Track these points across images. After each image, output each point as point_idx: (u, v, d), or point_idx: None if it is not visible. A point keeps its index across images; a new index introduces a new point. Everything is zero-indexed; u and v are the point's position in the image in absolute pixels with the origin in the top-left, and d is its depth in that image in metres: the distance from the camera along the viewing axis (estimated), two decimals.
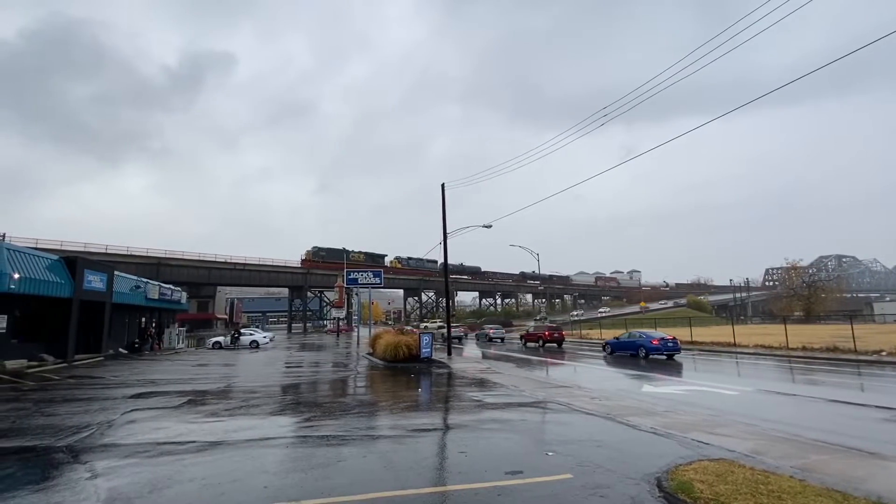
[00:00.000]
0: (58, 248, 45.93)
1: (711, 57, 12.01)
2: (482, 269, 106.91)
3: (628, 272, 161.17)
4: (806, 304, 68.82)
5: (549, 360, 22.34)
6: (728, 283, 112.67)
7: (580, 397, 10.88)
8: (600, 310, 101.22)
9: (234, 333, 36.28)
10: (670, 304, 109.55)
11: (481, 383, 13.69)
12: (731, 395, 11.59)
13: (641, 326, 44.33)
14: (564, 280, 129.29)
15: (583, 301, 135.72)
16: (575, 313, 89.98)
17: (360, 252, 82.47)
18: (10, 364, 18.05)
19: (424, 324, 58.61)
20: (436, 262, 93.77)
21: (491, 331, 40.95)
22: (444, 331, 27.07)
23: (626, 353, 22.52)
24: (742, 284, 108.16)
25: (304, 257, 77.57)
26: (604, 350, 24.34)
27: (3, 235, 37.26)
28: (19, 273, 18.31)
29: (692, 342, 28.95)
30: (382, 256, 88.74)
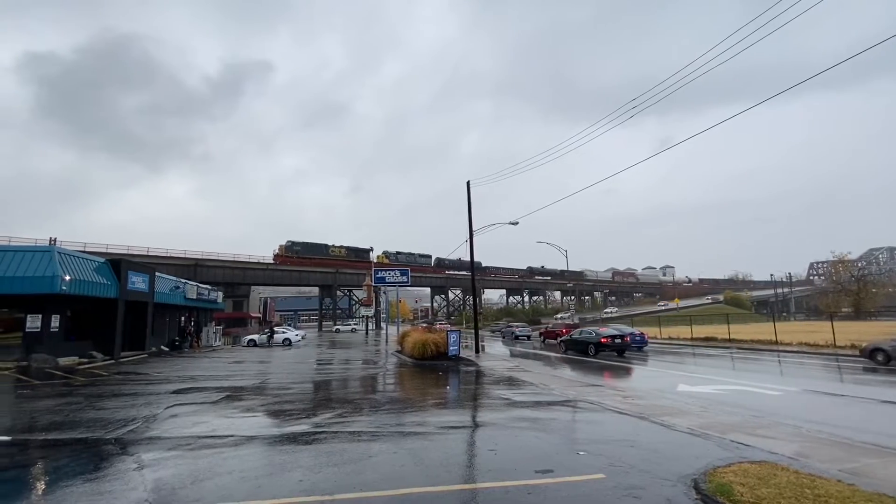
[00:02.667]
0: (103, 251, 48.44)
1: (753, 39, 11.44)
2: (483, 265, 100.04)
3: (661, 268, 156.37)
4: (855, 299, 64.99)
5: (577, 357, 21.98)
6: (769, 279, 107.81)
7: (611, 396, 10.66)
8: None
9: (269, 332, 37.41)
10: (707, 300, 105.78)
11: (510, 381, 13.62)
12: (773, 395, 11.10)
13: (675, 324, 43.07)
14: (578, 275, 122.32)
15: (614, 298, 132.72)
16: (609, 310, 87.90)
17: (340, 247, 79.07)
18: (63, 361, 19.23)
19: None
20: (429, 257, 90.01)
21: (517, 328, 41.52)
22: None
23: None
24: (784, 279, 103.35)
25: (276, 252, 72.56)
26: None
27: (55, 240, 39.63)
28: (70, 275, 19.44)
29: (730, 340, 27.89)
30: (368, 251, 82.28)
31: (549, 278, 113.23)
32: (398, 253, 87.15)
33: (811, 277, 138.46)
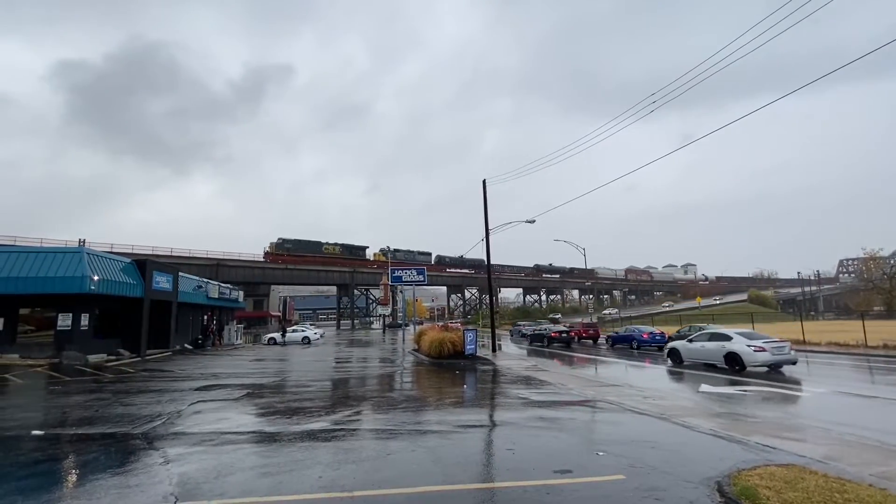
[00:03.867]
0: (129, 251, 49.89)
1: (781, 27, 11.07)
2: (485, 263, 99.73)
3: (682, 266, 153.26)
4: (887, 297, 62.57)
5: (597, 357, 21.73)
6: (795, 277, 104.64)
7: (632, 396, 10.50)
8: (664, 304, 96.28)
9: (282, 331, 38.08)
10: (730, 298, 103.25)
11: (527, 381, 13.54)
12: (800, 396, 10.77)
13: (697, 323, 42.12)
14: (589, 273, 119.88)
15: (633, 297, 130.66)
16: (608, 311, 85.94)
17: (335, 244, 77.34)
18: (92, 358, 19.89)
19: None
20: (429, 254, 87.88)
21: (524, 328, 40.95)
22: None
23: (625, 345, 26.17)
24: (812, 277, 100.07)
25: (267, 250, 70.69)
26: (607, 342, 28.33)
27: (84, 241, 41.00)
28: (98, 275, 20.09)
29: None
30: (363, 248, 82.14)
31: (558, 276, 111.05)
32: (395, 250, 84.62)
33: (840, 275, 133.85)
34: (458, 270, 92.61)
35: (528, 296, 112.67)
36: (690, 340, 17.52)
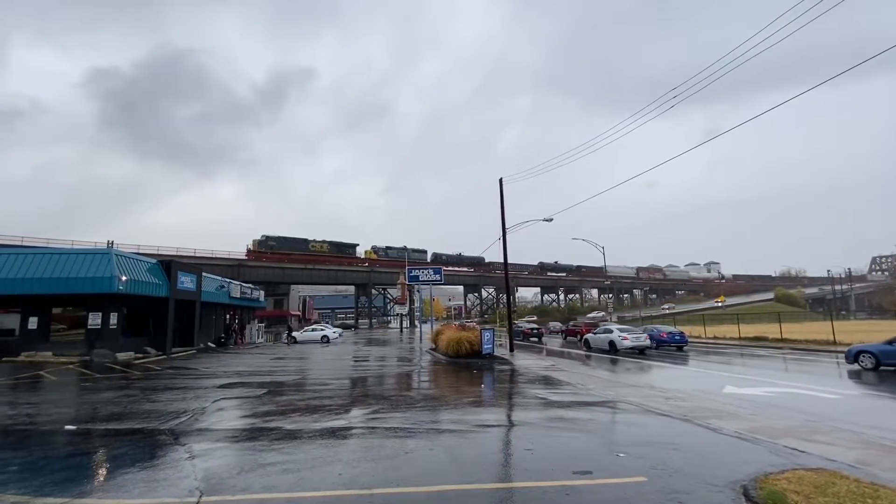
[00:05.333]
0: (155, 252, 51.37)
1: (814, 13, 10.68)
2: (486, 260, 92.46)
3: (705, 264, 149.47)
4: None
5: (617, 357, 21.42)
6: (825, 275, 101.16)
7: (653, 397, 10.31)
8: (664, 306, 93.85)
9: (287, 332, 38.69)
10: (756, 297, 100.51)
11: (546, 380, 13.44)
12: (830, 398, 10.42)
13: (721, 322, 41.16)
14: (597, 271, 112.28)
15: (654, 296, 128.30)
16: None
17: (322, 241, 74.57)
18: (121, 356, 20.55)
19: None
20: (424, 252, 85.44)
21: (525, 326, 40.56)
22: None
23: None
24: (843, 275, 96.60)
25: (249, 248, 68.26)
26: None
27: (112, 242, 42.39)
28: (126, 276, 20.74)
29: (782, 339, 26.41)
30: (353, 246, 79.19)
31: (564, 275, 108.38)
32: (388, 248, 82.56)
33: (873, 273, 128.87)
34: (456, 269, 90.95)
35: (545, 295, 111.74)
36: (595, 333, 25.55)
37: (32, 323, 20.97)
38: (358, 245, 79.34)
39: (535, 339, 35.54)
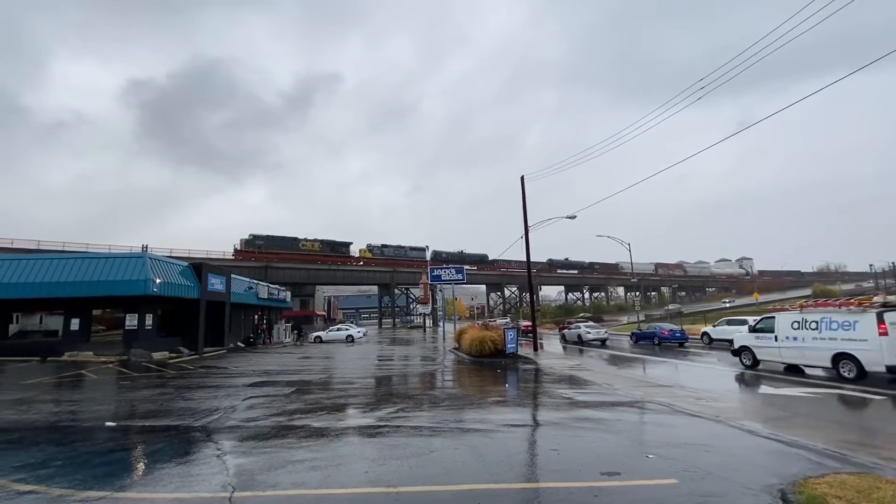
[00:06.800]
0: (186, 255, 53.08)
1: None
2: (489, 258, 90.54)
3: (737, 260, 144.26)
4: None
5: (644, 357, 20.95)
6: (868, 270, 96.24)
7: (683, 397, 10.04)
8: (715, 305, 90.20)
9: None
10: (791, 294, 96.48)
11: (571, 380, 13.26)
12: (874, 399, 9.92)
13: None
14: (612, 268, 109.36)
15: (683, 294, 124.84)
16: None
17: (314, 240, 72.13)
18: (156, 355, 21.35)
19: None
20: (423, 250, 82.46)
21: (519, 323, 40.15)
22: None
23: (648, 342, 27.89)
24: (888, 269, 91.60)
25: (237, 247, 65.51)
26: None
27: (146, 247, 44.04)
28: (160, 278, 21.53)
29: None
30: (347, 245, 76.43)
31: (576, 272, 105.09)
32: (384, 246, 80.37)
33: None
34: (477, 269, 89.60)
35: (570, 294, 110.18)
36: (570, 329, 32.04)
37: (74, 324, 21.99)
38: (352, 244, 77.15)
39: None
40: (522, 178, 24.09)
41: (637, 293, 76.67)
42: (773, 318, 14.63)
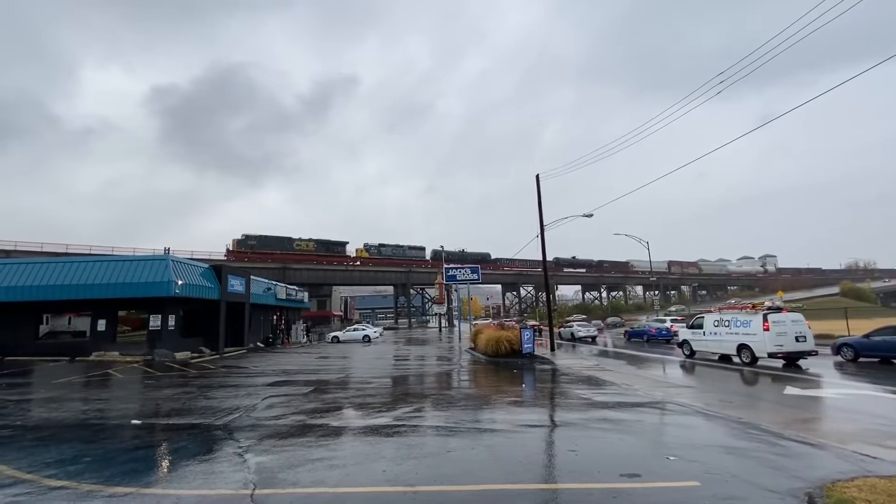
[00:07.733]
0: (206, 257, 54.25)
1: None
2: (492, 256, 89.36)
3: (760, 257, 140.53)
4: None
5: (665, 357, 20.59)
6: None
7: (704, 398, 9.85)
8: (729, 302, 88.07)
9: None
10: (818, 292, 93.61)
11: (589, 380, 13.12)
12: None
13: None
14: (623, 266, 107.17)
15: (704, 292, 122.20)
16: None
17: (308, 240, 71.40)
18: (179, 355, 21.87)
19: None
20: (422, 249, 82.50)
21: (532, 326, 40.48)
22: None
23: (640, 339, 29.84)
24: None
25: (229, 247, 64.85)
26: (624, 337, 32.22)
27: (168, 249, 45.08)
28: (182, 280, 22.03)
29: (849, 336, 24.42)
30: (343, 244, 75.30)
31: (584, 270, 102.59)
32: (381, 245, 79.03)
33: None
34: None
35: (587, 293, 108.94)
36: (563, 327, 35.09)
37: (101, 325, 22.67)
38: (347, 243, 75.78)
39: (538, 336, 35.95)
40: (538, 176, 23.93)
41: (656, 292, 75.39)
42: (703, 317, 18.42)
